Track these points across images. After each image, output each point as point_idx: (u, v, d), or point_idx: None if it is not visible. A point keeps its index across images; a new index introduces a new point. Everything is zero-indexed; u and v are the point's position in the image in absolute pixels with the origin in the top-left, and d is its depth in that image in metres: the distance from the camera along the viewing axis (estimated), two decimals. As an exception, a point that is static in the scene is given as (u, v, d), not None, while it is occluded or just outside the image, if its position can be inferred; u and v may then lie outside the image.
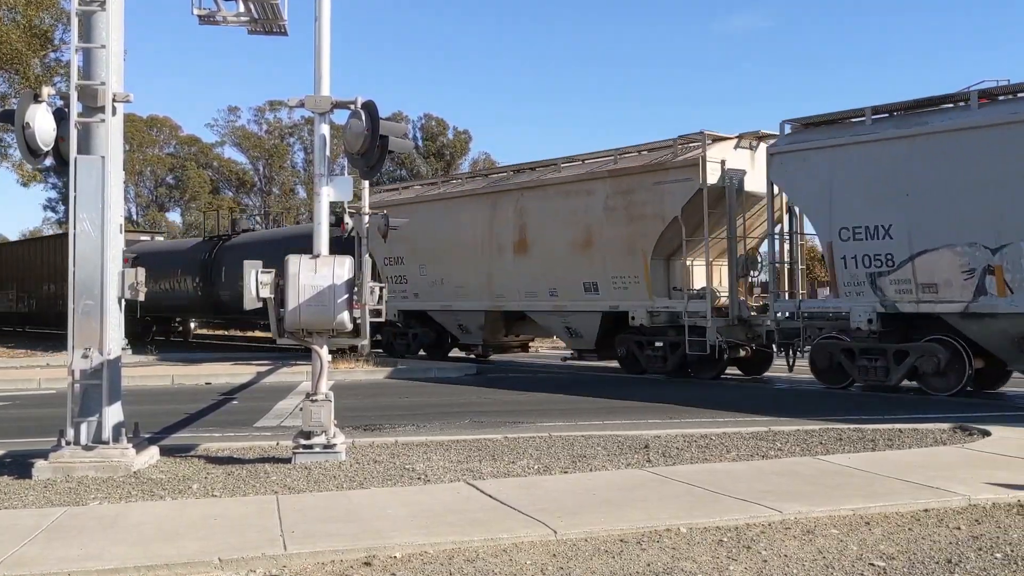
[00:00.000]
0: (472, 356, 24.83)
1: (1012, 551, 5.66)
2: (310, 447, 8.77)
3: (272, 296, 8.69)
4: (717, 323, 18.11)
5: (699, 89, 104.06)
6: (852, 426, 11.09)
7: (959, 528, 6.22)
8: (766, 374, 19.80)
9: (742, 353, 19.12)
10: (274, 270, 8.77)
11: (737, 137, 18.94)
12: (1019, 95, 14.37)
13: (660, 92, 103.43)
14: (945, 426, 10.94)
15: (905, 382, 15.80)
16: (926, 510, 6.68)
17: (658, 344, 19.39)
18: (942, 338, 14.99)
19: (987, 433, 10.17)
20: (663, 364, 19.34)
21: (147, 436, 9.65)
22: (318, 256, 8.77)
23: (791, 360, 17.92)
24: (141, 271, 8.62)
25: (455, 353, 25.39)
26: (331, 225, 9.19)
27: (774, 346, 18.24)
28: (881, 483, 7.45)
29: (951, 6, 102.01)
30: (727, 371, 19.64)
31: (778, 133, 17.61)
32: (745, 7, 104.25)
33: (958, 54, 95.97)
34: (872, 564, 5.39)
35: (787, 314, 17.28)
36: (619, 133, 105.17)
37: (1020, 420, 11.98)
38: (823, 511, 6.54)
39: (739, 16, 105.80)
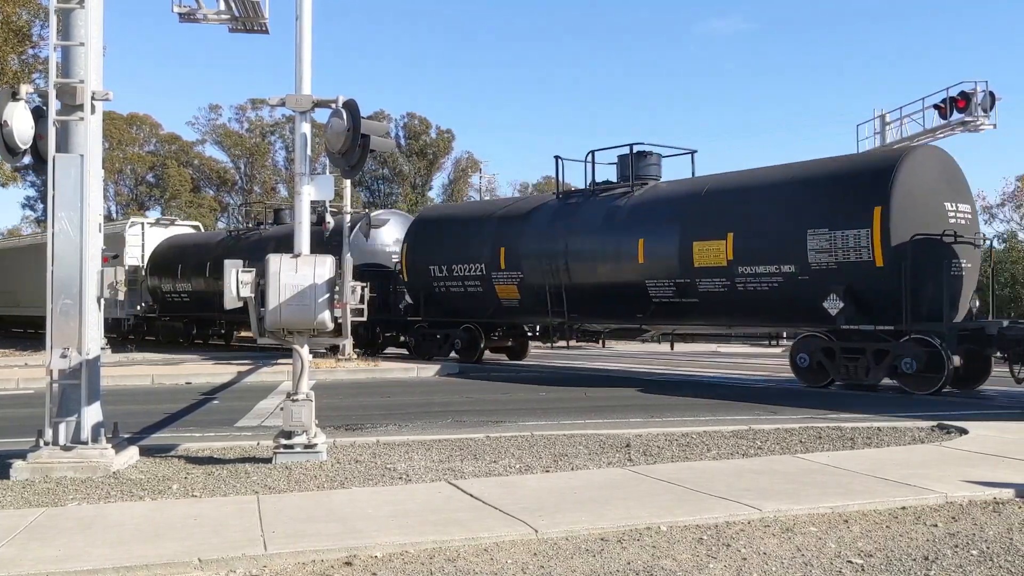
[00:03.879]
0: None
1: (988, 548, 5.72)
2: (291, 447, 8.75)
3: (253, 295, 8.65)
4: None
5: (683, 90, 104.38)
6: (831, 424, 11.18)
7: (936, 526, 6.28)
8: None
9: None
10: (255, 269, 8.73)
11: None
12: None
13: (646, 92, 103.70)
14: (923, 424, 11.05)
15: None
16: (904, 508, 6.74)
17: None
18: None
19: (964, 431, 10.28)
20: None
21: (127, 436, 9.59)
22: (299, 255, 8.75)
23: None
24: (120, 270, 8.57)
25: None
26: (312, 224, 9.17)
27: None
28: (860, 481, 7.51)
29: (936, 8, 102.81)
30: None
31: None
32: (724, 11, 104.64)
33: (944, 56, 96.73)
34: (850, 562, 5.43)
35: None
36: (605, 132, 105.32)
37: (998, 418, 12.12)
38: (802, 509, 6.59)
39: (719, 19, 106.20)
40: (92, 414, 8.34)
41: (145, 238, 34.57)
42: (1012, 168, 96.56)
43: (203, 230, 38.67)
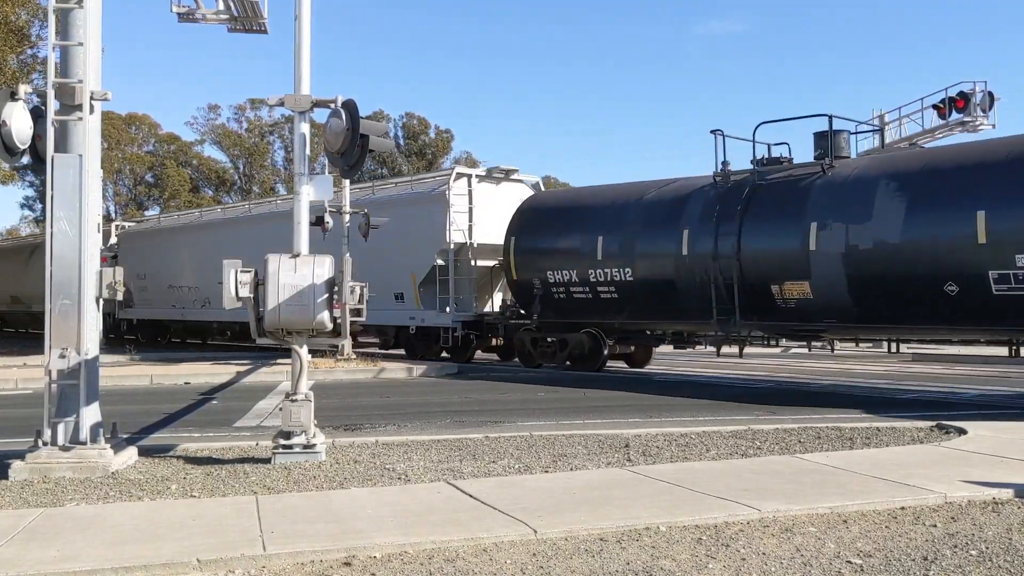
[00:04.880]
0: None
1: (987, 548, 5.72)
2: (290, 447, 8.74)
3: (251, 296, 8.65)
4: None
5: (679, 91, 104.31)
6: (830, 425, 11.18)
7: (935, 526, 6.28)
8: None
9: None
10: (254, 269, 8.73)
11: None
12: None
13: (641, 92, 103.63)
14: (922, 424, 11.05)
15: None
16: (903, 508, 6.74)
17: None
18: None
19: (963, 431, 10.28)
20: None
21: (125, 436, 9.58)
22: (298, 255, 8.74)
23: None
24: (119, 270, 8.56)
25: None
26: (311, 224, 9.17)
27: None
28: (859, 481, 7.51)
29: (932, 8, 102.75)
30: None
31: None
32: (724, 12, 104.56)
33: (944, 56, 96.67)
34: (849, 562, 5.43)
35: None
36: (604, 132, 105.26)
37: (996, 418, 12.12)
38: (801, 509, 6.58)
39: (718, 20, 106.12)
40: (91, 414, 8.33)
41: (473, 199, 23.09)
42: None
43: (542, 187, 25.80)
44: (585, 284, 20.24)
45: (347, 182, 24.13)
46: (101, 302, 8.50)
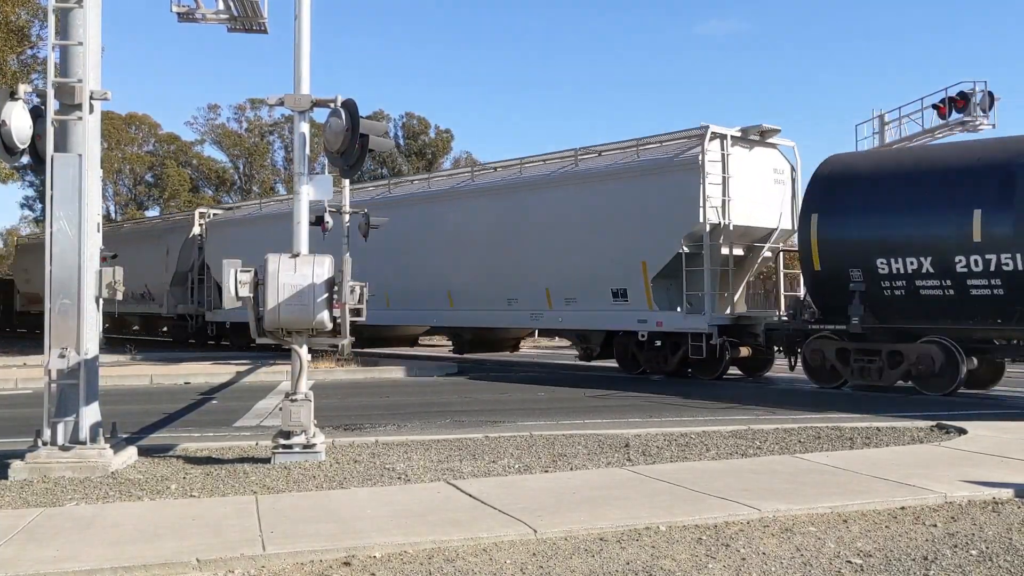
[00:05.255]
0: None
1: (987, 548, 5.72)
2: (290, 447, 8.74)
3: (251, 295, 8.64)
4: None
5: (680, 90, 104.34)
6: (831, 424, 11.18)
7: (935, 526, 6.28)
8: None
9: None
10: (253, 268, 8.72)
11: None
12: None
13: (642, 92, 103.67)
14: (922, 424, 11.05)
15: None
16: (903, 508, 6.74)
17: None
18: None
19: (963, 431, 10.28)
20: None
21: (125, 436, 9.58)
22: (298, 255, 8.74)
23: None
24: (119, 270, 8.55)
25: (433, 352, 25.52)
26: (311, 224, 9.17)
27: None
28: (859, 481, 7.51)
29: (933, 10, 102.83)
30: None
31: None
32: (726, 11, 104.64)
33: (943, 56, 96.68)
34: (850, 562, 5.43)
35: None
36: (605, 132, 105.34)
37: (996, 418, 12.12)
38: (801, 509, 6.58)
39: (720, 20, 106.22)
40: (90, 414, 8.33)
41: (727, 166, 18.09)
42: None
43: (796, 155, 19.87)
44: (946, 276, 14.88)
45: (347, 183, 24.08)
46: (101, 302, 8.51)
